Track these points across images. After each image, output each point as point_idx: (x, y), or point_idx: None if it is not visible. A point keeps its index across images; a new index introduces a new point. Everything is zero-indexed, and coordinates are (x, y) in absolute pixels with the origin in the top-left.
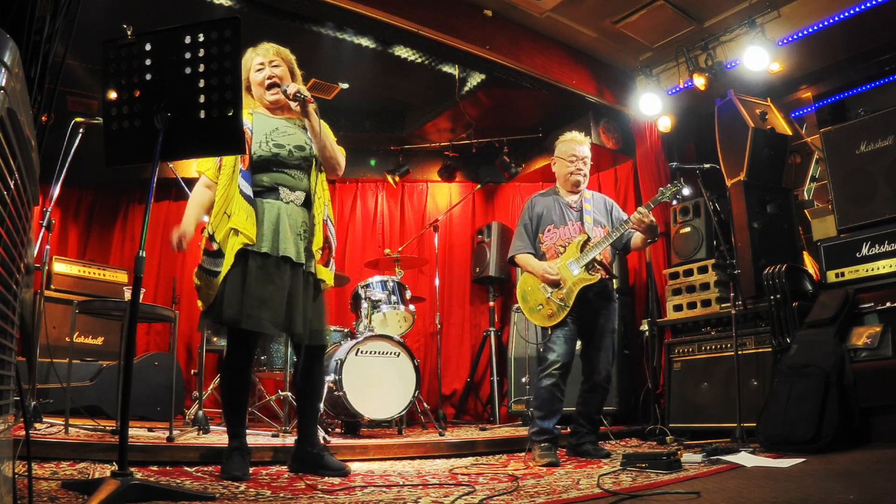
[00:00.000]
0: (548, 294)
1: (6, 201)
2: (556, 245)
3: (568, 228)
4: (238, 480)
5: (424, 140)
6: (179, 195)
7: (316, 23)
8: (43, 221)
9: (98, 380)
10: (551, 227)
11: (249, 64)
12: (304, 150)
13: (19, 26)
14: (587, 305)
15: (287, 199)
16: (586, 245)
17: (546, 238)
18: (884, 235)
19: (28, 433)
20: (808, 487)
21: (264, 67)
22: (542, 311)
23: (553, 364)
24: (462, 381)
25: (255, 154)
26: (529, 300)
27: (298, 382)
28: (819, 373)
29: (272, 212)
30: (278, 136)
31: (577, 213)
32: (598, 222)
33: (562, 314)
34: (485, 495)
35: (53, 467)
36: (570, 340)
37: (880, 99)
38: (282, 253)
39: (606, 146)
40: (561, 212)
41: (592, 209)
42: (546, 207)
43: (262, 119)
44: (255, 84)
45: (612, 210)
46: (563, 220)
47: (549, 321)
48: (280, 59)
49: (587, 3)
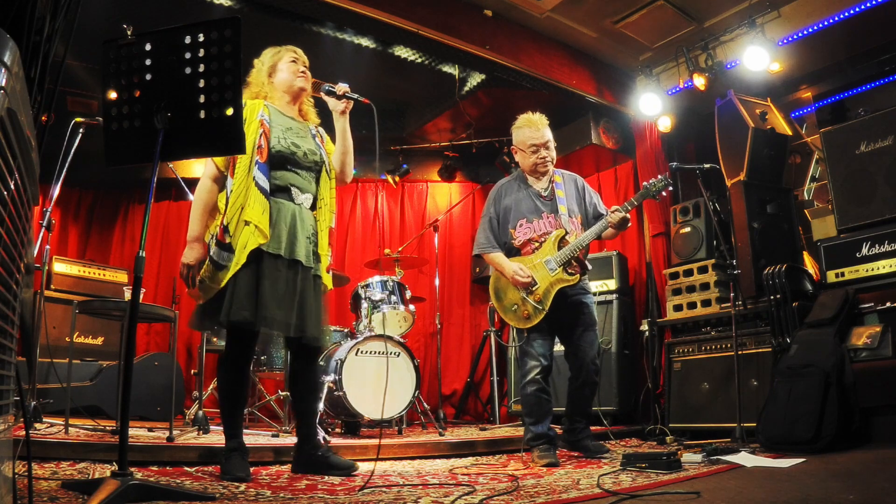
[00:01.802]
0: (523, 294)
1: (6, 201)
2: (532, 240)
3: (542, 222)
4: (240, 481)
5: (424, 140)
6: (179, 195)
7: (316, 23)
8: (43, 221)
9: (98, 380)
10: (523, 222)
11: (280, 56)
12: (315, 154)
13: (19, 26)
14: (564, 304)
15: (298, 200)
16: (563, 241)
17: (519, 233)
18: (884, 235)
19: (28, 433)
20: (808, 487)
21: (298, 61)
22: (517, 311)
23: (533, 370)
24: (462, 381)
25: (273, 148)
26: (503, 298)
27: (297, 384)
28: (819, 373)
29: (287, 213)
30: (293, 136)
31: (549, 202)
32: (572, 212)
33: (538, 317)
34: (485, 495)
35: (53, 467)
36: (547, 341)
37: (880, 99)
38: (295, 256)
39: (606, 146)
40: (532, 203)
41: (565, 196)
42: (514, 200)
43: (277, 114)
44: (288, 71)
45: (584, 192)
46: (535, 211)
47: (524, 322)
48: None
49: (587, 3)
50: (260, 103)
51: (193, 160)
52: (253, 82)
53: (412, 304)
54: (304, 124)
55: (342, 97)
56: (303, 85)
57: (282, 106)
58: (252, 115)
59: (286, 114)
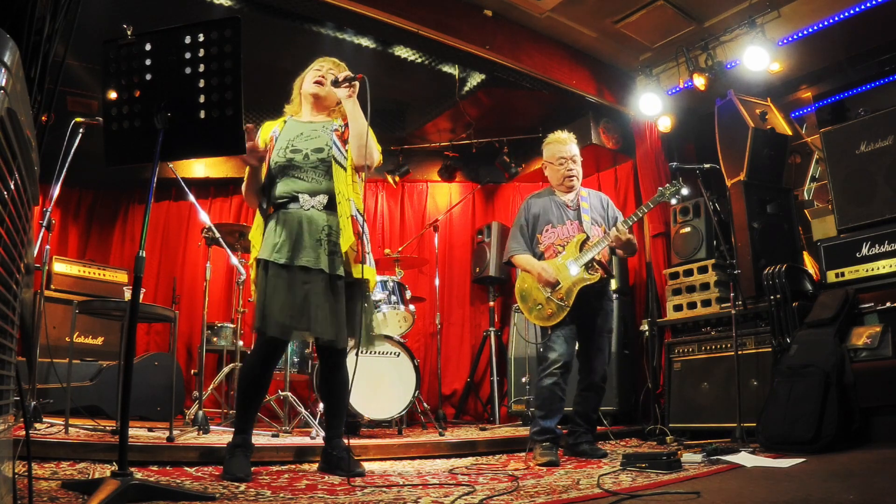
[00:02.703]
0: (547, 294)
1: (6, 201)
2: (555, 244)
3: (566, 227)
4: (240, 481)
5: (424, 140)
6: (179, 195)
7: (316, 23)
8: (43, 221)
9: (98, 380)
10: (549, 227)
11: (311, 66)
12: (322, 151)
13: (19, 26)
14: (586, 305)
15: (307, 205)
16: (585, 244)
17: (544, 238)
18: (884, 235)
19: (28, 433)
20: (809, 487)
21: (322, 68)
22: (541, 310)
23: (554, 363)
24: (462, 381)
25: (272, 162)
26: (528, 300)
27: (321, 385)
28: (819, 373)
29: (292, 222)
30: (299, 141)
31: (574, 211)
32: (595, 221)
33: (561, 314)
34: (485, 495)
35: (53, 467)
36: (570, 340)
37: (880, 99)
38: (298, 263)
39: (606, 146)
40: (558, 211)
41: (590, 207)
42: (542, 208)
43: (292, 125)
44: (308, 80)
45: (608, 208)
46: (560, 219)
47: (548, 321)
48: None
49: (587, 3)
50: (277, 122)
51: (193, 160)
52: (292, 98)
53: (412, 304)
54: (322, 123)
55: (343, 82)
56: (315, 90)
57: (305, 114)
58: (265, 137)
59: (305, 120)
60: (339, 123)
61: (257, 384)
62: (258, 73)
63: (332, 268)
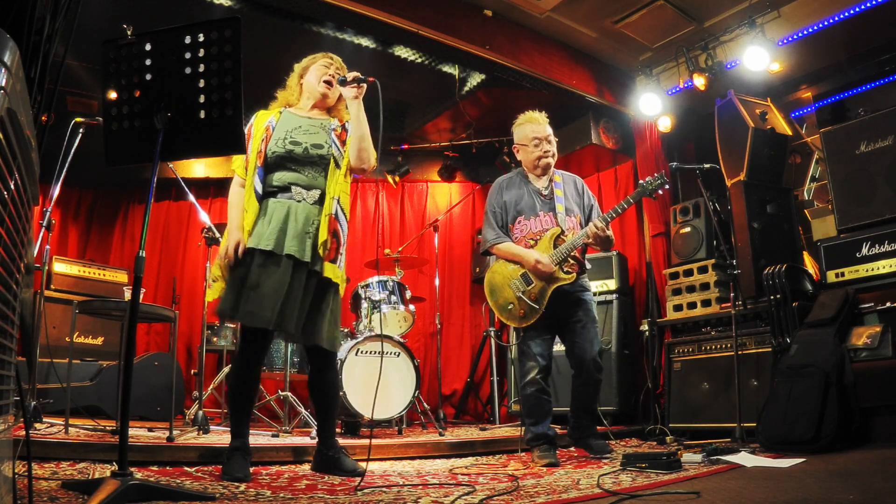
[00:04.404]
0: (519, 293)
1: (6, 201)
2: (527, 238)
3: (539, 220)
4: (239, 481)
5: (424, 140)
6: (179, 195)
7: (316, 23)
8: (43, 221)
9: (98, 380)
10: (521, 219)
11: (315, 60)
12: (322, 148)
13: (19, 26)
14: (563, 302)
15: (299, 197)
16: (559, 239)
17: (516, 230)
18: (884, 235)
19: (28, 433)
20: (809, 487)
21: (331, 67)
22: (512, 310)
23: (531, 370)
24: (462, 381)
25: (270, 151)
26: (498, 296)
27: (311, 386)
28: (819, 373)
29: (281, 210)
30: (298, 134)
31: (548, 201)
32: (569, 210)
33: (534, 316)
34: (485, 495)
35: (53, 467)
36: (546, 341)
37: (880, 99)
38: (286, 251)
39: (606, 146)
40: (531, 201)
41: (563, 195)
42: (514, 196)
43: (288, 117)
44: (315, 75)
45: (583, 194)
46: (533, 209)
47: (520, 322)
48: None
49: (587, 3)
50: (272, 112)
51: (193, 160)
52: (287, 84)
53: (412, 304)
54: (320, 120)
55: (351, 82)
56: (324, 90)
57: (302, 108)
58: (260, 125)
59: (302, 114)
60: (337, 124)
61: (244, 386)
62: (258, 73)
63: (313, 262)
